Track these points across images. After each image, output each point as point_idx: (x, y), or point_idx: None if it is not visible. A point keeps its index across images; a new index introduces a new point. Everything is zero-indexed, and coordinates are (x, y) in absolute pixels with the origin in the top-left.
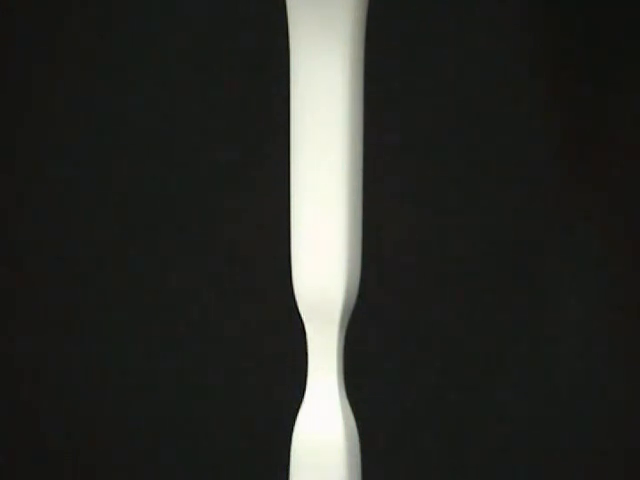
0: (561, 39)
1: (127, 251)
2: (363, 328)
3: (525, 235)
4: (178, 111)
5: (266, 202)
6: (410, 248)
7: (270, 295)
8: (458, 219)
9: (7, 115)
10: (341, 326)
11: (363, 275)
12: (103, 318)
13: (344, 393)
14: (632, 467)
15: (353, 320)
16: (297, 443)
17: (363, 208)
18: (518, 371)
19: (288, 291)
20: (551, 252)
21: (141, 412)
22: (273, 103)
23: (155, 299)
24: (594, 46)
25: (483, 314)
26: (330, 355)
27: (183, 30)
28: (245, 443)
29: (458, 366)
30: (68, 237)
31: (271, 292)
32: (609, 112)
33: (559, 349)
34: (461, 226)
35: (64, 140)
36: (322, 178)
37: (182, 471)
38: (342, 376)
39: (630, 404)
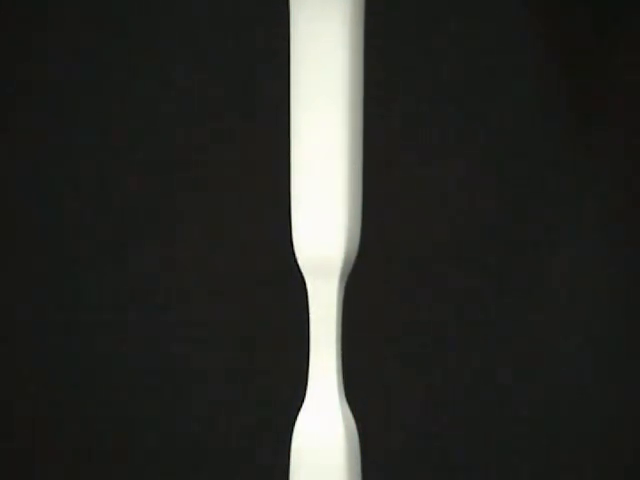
0: (562, 37)
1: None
2: (363, 328)
3: (525, 233)
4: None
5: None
6: (411, 246)
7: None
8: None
9: (7, 115)
10: (341, 279)
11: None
12: (100, 314)
13: (343, 396)
14: (633, 467)
15: (353, 319)
16: (297, 443)
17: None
18: (519, 371)
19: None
20: (550, 251)
21: (140, 412)
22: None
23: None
24: (596, 39)
25: (483, 313)
26: (330, 312)
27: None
28: (245, 443)
29: (459, 366)
30: (67, 235)
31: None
32: (609, 108)
33: (559, 348)
34: (460, 222)
35: (64, 140)
36: (322, 132)
37: (182, 471)
38: (340, 333)
39: (631, 404)
